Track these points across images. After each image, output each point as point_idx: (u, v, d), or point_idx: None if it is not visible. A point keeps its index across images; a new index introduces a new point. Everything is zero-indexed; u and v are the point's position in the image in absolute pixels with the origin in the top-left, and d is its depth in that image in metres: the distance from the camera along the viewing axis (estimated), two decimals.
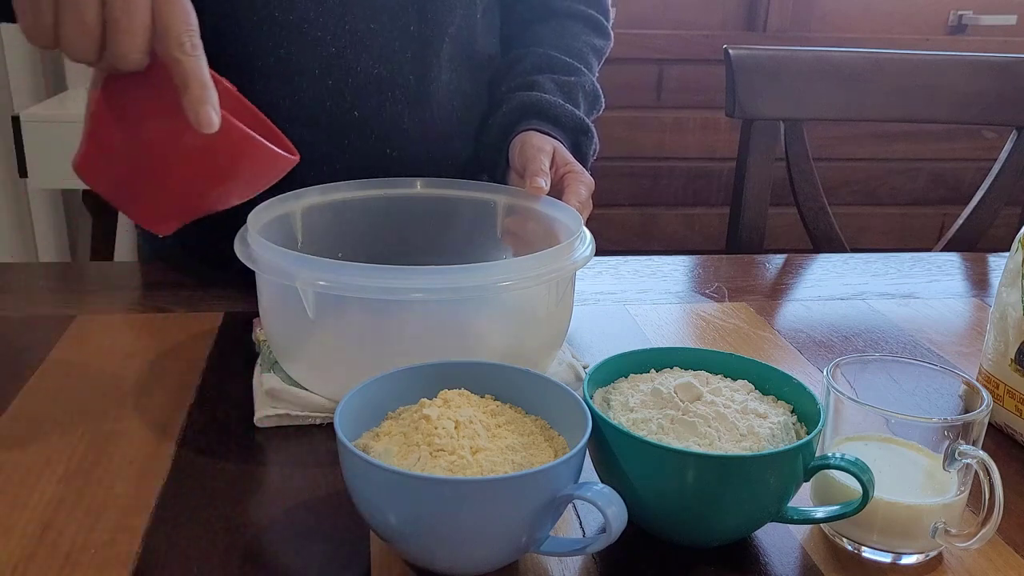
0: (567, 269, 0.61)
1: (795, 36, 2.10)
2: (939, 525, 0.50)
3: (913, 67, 1.23)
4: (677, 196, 2.21)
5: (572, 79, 0.90)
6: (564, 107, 0.86)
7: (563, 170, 0.78)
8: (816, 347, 0.80)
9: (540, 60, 0.91)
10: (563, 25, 0.95)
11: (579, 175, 0.77)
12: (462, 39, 0.87)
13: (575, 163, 0.79)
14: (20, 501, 0.54)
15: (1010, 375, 0.64)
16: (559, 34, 0.94)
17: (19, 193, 2.04)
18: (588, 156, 0.89)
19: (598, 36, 0.97)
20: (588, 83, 0.92)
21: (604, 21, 0.98)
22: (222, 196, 0.59)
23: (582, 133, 0.87)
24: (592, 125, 0.88)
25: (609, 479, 0.51)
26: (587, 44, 0.95)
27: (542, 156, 0.76)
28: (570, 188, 0.75)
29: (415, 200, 0.77)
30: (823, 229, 1.24)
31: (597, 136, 0.89)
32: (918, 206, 2.32)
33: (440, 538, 0.46)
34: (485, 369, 0.55)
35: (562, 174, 0.77)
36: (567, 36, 0.94)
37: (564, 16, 0.96)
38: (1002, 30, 2.20)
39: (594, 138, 0.88)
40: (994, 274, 1.01)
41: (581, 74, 0.92)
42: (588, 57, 0.95)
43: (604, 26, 0.98)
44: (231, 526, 0.52)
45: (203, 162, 0.55)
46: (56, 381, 0.68)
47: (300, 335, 0.62)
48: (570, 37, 0.94)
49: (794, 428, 0.53)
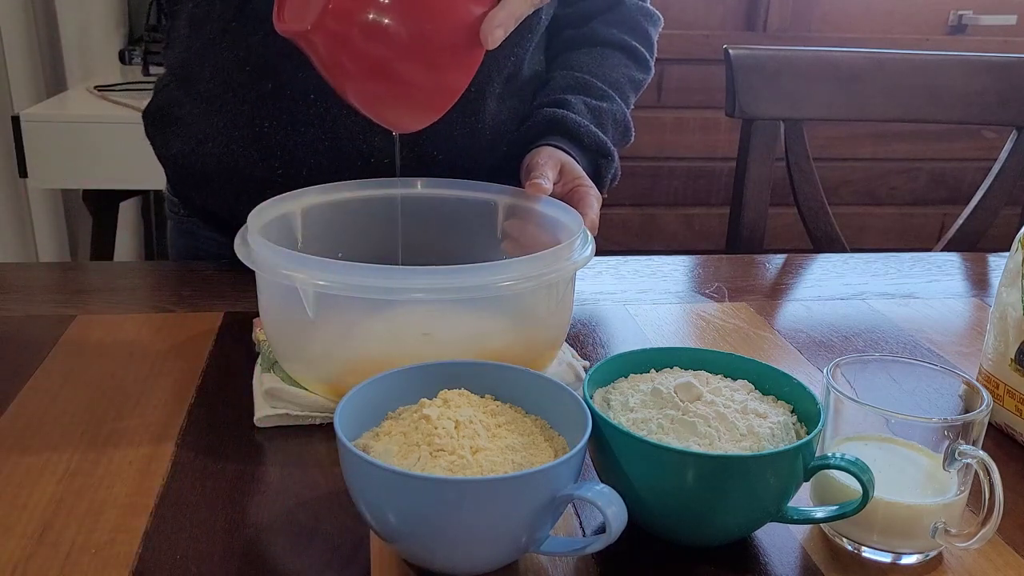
0: (567, 269, 0.61)
1: (795, 36, 2.10)
2: (939, 525, 0.50)
3: (913, 67, 1.23)
4: (677, 196, 2.21)
5: (604, 105, 0.90)
6: (588, 127, 0.86)
7: (573, 184, 0.78)
8: (816, 347, 0.80)
9: (575, 82, 0.91)
10: (604, 54, 0.95)
11: (589, 189, 0.77)
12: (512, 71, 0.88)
13: (586, 178, 0.79)
14: (20, 501, 0.54)
15: (1010, 375, 0.64)
16: (599, 62, 0.94)
17: (19, 193, 2.04)
18: (606, 180, 0.89)
19: (639, 69, 0.97)
20: (620, 112, 0.92)
21: (647, 55, 0.98)
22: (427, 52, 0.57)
23: (603, 156, 0.87)
24: (615, 151, 0.88)
25: (609, 479, 0.51)
26: (626, 76, 0.95)
27: (548, 163, 0.77)
28: (583, 201, 0.75)
29: (415, 200, 0.77)
30: (823, 229, 1.24)
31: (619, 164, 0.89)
32: (918, 206, 2.32)
33: (440, 538, 0.46)
34: (485, 369, 0.55)
35: (572, 187, 0.77)
36: (606, 65, 0.94)
37: (607, 45, 0.96)
38: (1002, 30, 2.20)
39: (615, 163, 0.88)
40: (994, 274, 1.01)
41: (614, 102, 0.92)
42: (624, 88, 0.94)
43: (646, 60, 0.98)
44: (231, 526, 0.52)
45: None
46: (56, 381, 0.68)
47: (300, 335, 0.62)
48: (609, 67, 0.94)
49: (794, 428, 0.53)
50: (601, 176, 0.88)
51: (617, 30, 0.96)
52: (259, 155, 0.84)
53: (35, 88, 2.00)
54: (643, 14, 0.98)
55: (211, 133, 0.86)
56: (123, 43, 2.10)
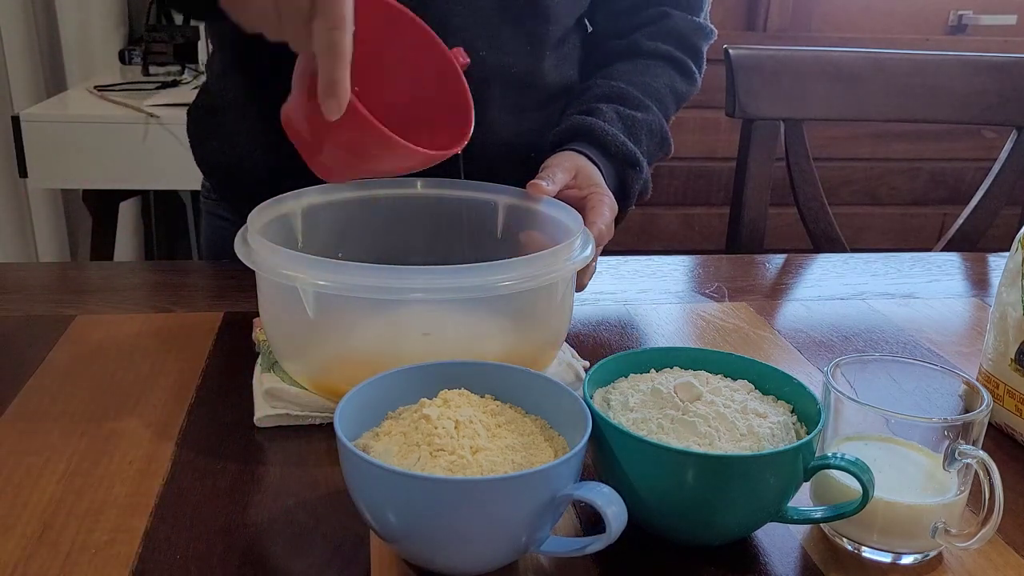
0: (567, 269, 0.61)
1: (795, 36, 2.10)
2: (939, 525, 0.50)
3: (913, 67, 1.23)
4: (677, 196, 2.21)
5: (638, 115, 0.87)
6: (616, 136, 0.83)
7: (588, 190, 0.76)
8: (816, 347, 0.80)
9: (610, 90, 0.89)
10: (646, 64, 0.92)
11: (604, 195, 0.75)
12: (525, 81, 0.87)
13: (602, 185, 0.77)
14: (20, 501, 0.54)
15: (1010, 375, 0.64)
16: (640, 71, 0.91)
17: (19, 193, 2.04)
18: (633, 191, 0.86)
19: (683, 80, 0.94)
20: (656, 123, 0.89)
21: (694, 68, 0.95)
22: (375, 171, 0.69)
23: (631, 166, 0.84)
24: (645, 162, 0.85)
25: (609, 479, 0.51)
26: (667, 86, 0.92)
27: (556, 169, 0.75)
28: (595, 209, 0.73)
29: (415, 200, 0.77)
30: (823, 229, 1.24)
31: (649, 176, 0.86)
32: (918, 206, 2.32)
33: (440, 538, 0.46)
34: (485, 369, 0.55)
35: (587, 194, 0.75)
36: (648, 75, 0.91)
37: (650, 56, 0.93)
38: (1002, 30, 2.20)
39: (644, 174, 0.86)
40: (994, 274, 1.01)
41: (650, 111, 0.88)
42: (665, 98, 0.91)
43: (693, 73, 0.95)
44: (231, 526, 0.52)
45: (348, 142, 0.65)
46: (56, 381, 0.68)
47: (300, 335, 0.62)
48: (651, 76, 0.91)
49: (794, 428, 0.53)
50: (627, 186, 0.85)
51: (662, 43, 0.93)
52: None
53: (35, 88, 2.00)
54: (693, 27, 0.94)
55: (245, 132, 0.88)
56: (123, 43, 2.10)
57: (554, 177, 0.74)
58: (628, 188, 0.85)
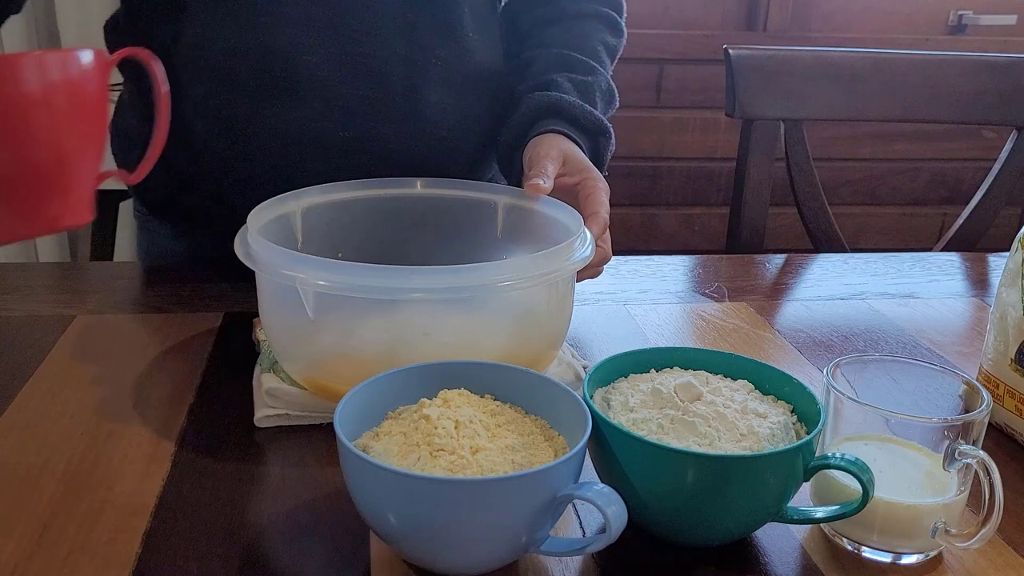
0: (567, 269, 0.61)
1: (795, 36, 2.10)
2: (939, 525, 0.50)
3: (913, 67, 1.23)
4: (677, 196, 2.21)
5: (588, 79, 0.89)
6: (583, 108, 0.85)
7: (579, 176, 0.77)
8: (816, 347, 0.80)
9: (556, 59, 0.90)
10: (576, 25, 0.94)
11: (596, 179, 0.76)
12: (454, 60, 0.86)
13: (592, 168, 0.78)
14: (20, 501, 0.54)
15: (1010, 375, 0.64)
16: (572, 34, 0.93)
17: None
18: (605, 158, 0.88)
19: (612, 34, 0.96)
20: (604, 82, 0.91)
21: (618, 18, 0.97)
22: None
23: (601, 135, 0.86)
24: (610, 126, 0.87)
25: (609, 479, 0.51)
26: (601, 42, 0.94)
27: (547, 161, 0.76)
28: (592, 196, 0.74)
29: (415, 200, 0.77)
30: (823, 229, 1.24)
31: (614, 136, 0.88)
32: (918, 206, 2.32)
33: (440, 538, 0.46)
34: (485, 369, 0.55)
35: (579, 180, 0.76)
36: (580, 35, 0.93)
37: (576, 17, 0.95)
38: (1002, 30, 2.20)
39: (612, 139, 0.88)
40: (994, 274, 1.01)
41: (597, 73, 0.91)
42: (602, 55, 0.94)
43: (618, 23, 0.97)
44: (231, 526, 0.52)
45: None
46: (56, 381, 0.68)
47: (300, 335, 0.62)
48: (583, 36, 0.93)
49: (794, 428, 0.53)
50: (601, 155, 0.87)
51: (586, 1, 0.95)
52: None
53: None
54: None
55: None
56: None
57: (547, 171, 0.74)
58: (602, 157, 0.87)
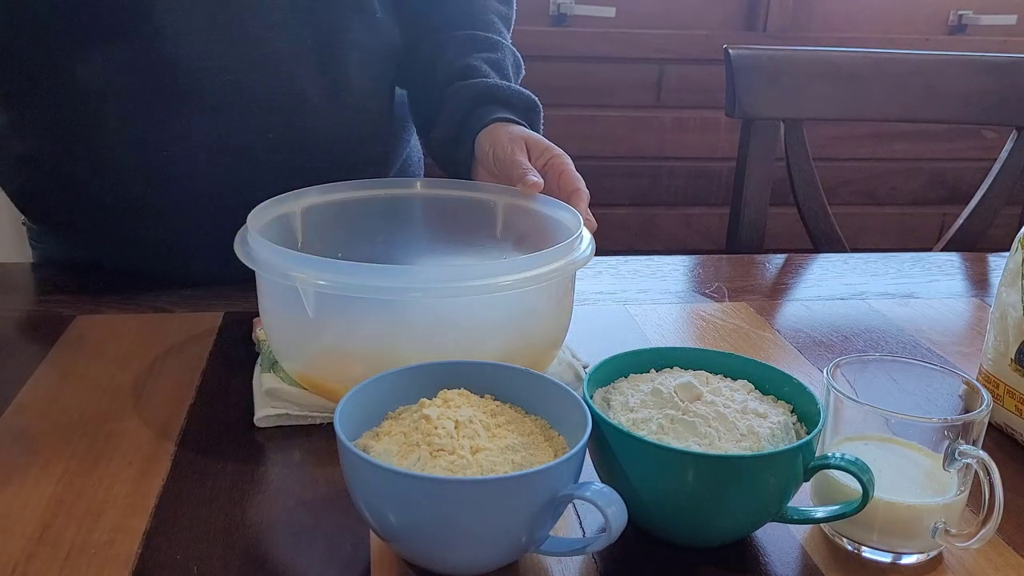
0: (567, 269, 0.61)
1: (795, 36, 2.10)
2: (939, 525, 0.50)
3: (913, 67, 1.23)
4: (677, 196, 2.21)
5: (497, 55, 0.89)
6: (511, 88, 0.85)
7: (545, 156, 0.77)
8: (816, 347, 0.80)
9: (463, 43, 0.90)
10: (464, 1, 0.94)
11: (562, 156, 0.77)
12: (365, 40, 0.86)
13: (551, 145, 0.78)
14: (20, 501, 0.54)
15: (1010, 375, 0.64)
16: (465, 11, 0.93)
17: None
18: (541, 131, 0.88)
19: (502, 3, 0.96)
20: (510, 53, 0.91)
21: None
22: None
23: (532, 111, 0.86)
24: (538, 100, 0.87)
25: (609, 479, 0.51)
26: (495, 12, 0.94)
27: (519, 156, 0.76)
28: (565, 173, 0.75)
29: (415, 200, 0.77)
30: (823, 229, 1.24)
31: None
32: (918, 206, 2.32)
33: (440, 538, 0.46)
34: (485, 369, 0.55)
35: (546, 160, 0.77)
36: (473, 11, 0.93)
37: None
38: (1002, 30, 2.20)
39: (541, 111, 0.88)
40: (994, 274, 1.01)
41: (501, 46, 0.91)
42: (499, 26, 0.94)
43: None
44: (231, 526, 0.52)
45: None
46: (56, 381, 0.68)
47: (300, 335, 0.62)
48: (477, 10, 0.93)
49: (794, 428, 0.53)
50: (537, 130, 0.86)
51: None
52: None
53: None
54: None
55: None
56: None
57: (528, 166, 0.74)
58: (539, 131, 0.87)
